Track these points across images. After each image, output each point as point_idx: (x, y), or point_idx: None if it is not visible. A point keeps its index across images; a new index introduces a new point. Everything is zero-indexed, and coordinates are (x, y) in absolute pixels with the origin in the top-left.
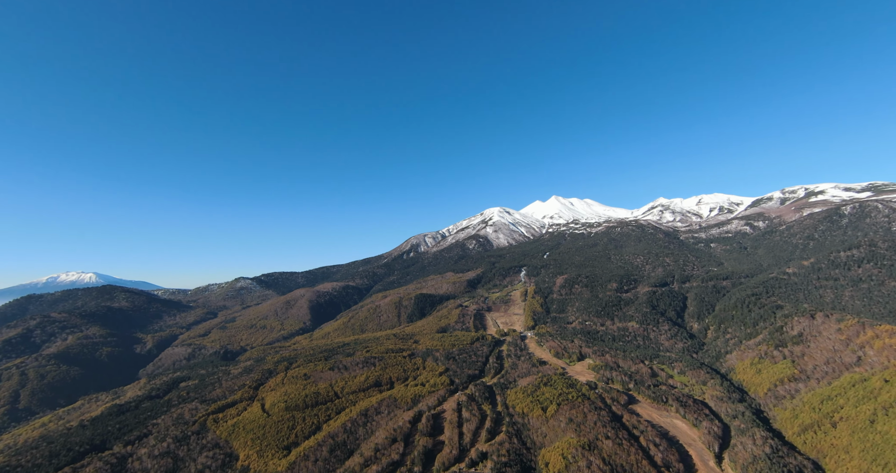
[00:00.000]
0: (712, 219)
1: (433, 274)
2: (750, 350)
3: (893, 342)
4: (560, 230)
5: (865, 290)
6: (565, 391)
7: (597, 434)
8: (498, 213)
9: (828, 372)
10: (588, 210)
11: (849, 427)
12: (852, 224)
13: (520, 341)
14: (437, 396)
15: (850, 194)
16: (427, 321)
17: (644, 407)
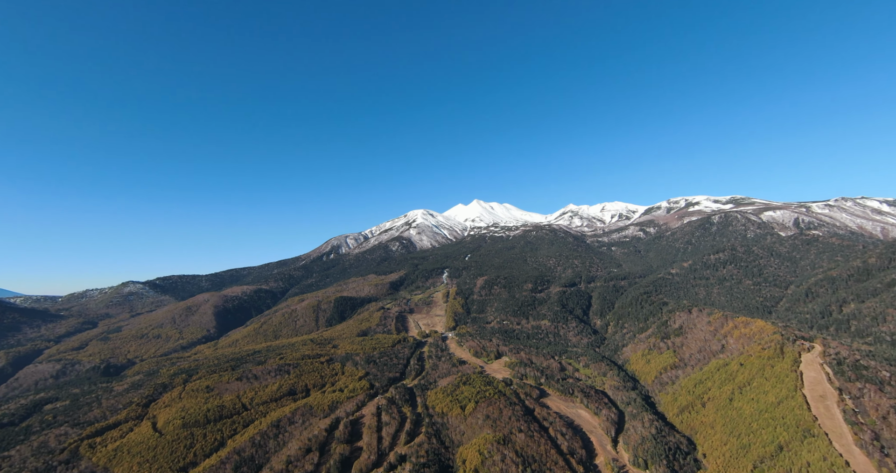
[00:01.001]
0: (613, 225)
1: (355, 276)
2: (641, 343)
3: (747, 331)
4: (481, 233)
5: (728, 287)
6: (483, 389)
7: (511, 428)
8: (422, 215)
9: (700, 359)
10: (507, 214)
11: (714, 406)
12: (719, 231)
13: (441, 341)
14: (356, 401)
15: (717, 205)
16: (347, 324)
17: (554, 400)
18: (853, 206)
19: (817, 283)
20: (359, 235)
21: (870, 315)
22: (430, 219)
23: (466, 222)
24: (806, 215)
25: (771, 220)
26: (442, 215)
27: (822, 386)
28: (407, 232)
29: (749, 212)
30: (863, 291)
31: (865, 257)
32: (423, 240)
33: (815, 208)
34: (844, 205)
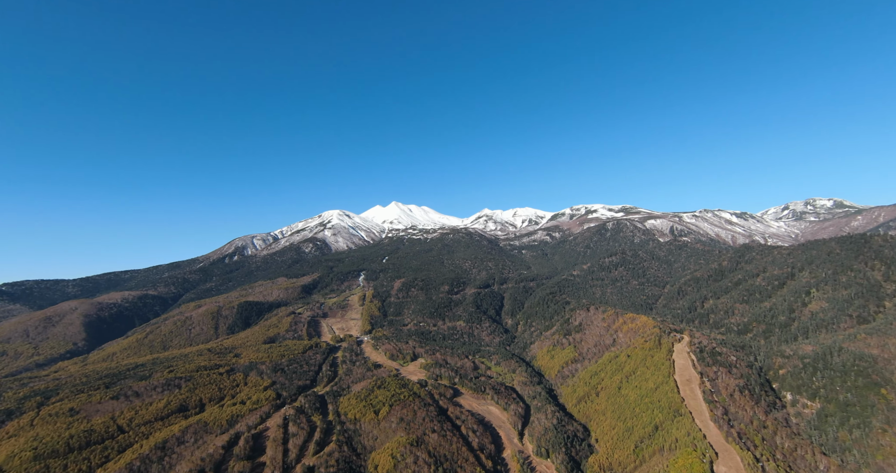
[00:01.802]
0: (524, 229)
1: (262, 280)
2: (547, 340)
3: (633, 326)
4: (399, 236)
5: (619, 287)
6: (398, 392)
7: (424, 429)
8: (338, 216)
9: (596, 353)
10: (425, 217)
11: (606, 395)
12: (612, 237)
13: (356, 346)
14: (259, 413)
15: (611, 213)
16: (252, 331)
17: (467, 399)
18: (712, 217)
19: (686, 283)
20: (267, 235)
21: (723, 309)
22: (346, 220)
23: (384, 224)
24: (678, 224)
25: (653, 227)
26: (359, 216)
27: (689, 371)
28: (321, 233)
29: (636, 220)
30: (718, 289)
31: (720, 260)
32: (338, 242)
33: (686, 218)
34: (706, 216)
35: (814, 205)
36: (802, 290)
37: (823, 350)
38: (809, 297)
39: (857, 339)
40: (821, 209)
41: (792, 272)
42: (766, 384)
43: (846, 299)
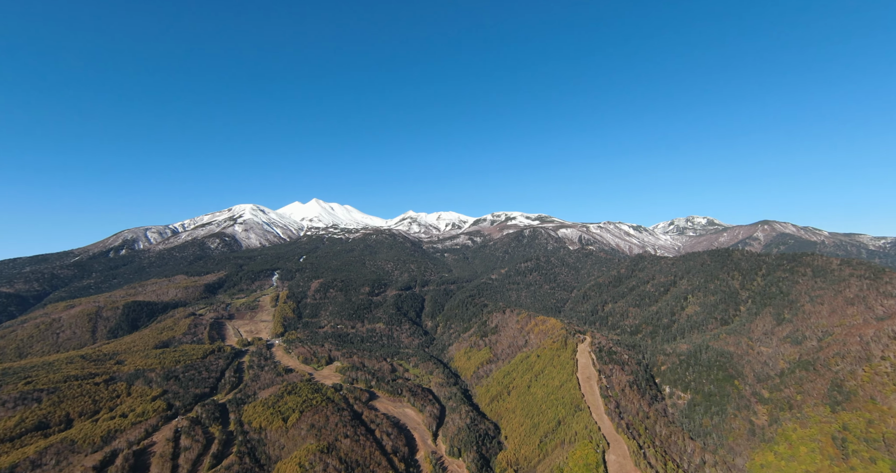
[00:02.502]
0: (447, 233)
1: (157, 278)
2: (465, 341)
3: (544, 328)
4: (319, 234)
5: (533, 291)
6: (310, 397)
7: (337, 434)
8: (251, 210)
9: (509, 354)
10: (348, 216)
11: (517, 393)
12: (529, 243)
13: (266, 349)
14: (144, 427)
15: (529, 221)
16: (141, 335)
17: (383, 402)
18: (614, 228)
19: (590, 288)
20: (165, 228)
21: (619, 313)
22: (260, 215)
23: (304, 222)
24: (586, 234)
25: (564, 236)
26: (275, 212)
27: (589, 369)
28: (231, 228)
29: (550, 228)
30: (616, 294)
31: (619, 268)
32: (250, 238)
33: (592, 229)
34: (609, 227)
35: (692, 222)
36: (682, 296)
37: (695, 348)
38: (686, 302)
39: (720, 338)
40: (697, 226)
41: (674, 280)
42: (651, 379)
43: (713, 304)
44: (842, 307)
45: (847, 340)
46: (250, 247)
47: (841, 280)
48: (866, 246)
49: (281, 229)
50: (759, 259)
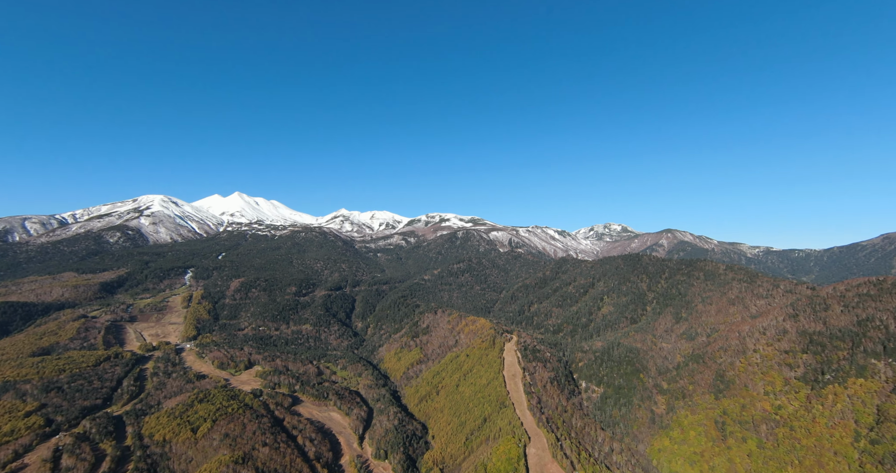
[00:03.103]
0: (381, 233)
1: (38, 275)
2: (396, 342)
3: (474, 327)
4: (241, 230)
5: (464, 292)
6: (224, 405)
7: (254, 443)
8: (161, 202)
9: (440, 354)
10: (275, 212)
11: (445, 393)
12: (462, 245)
13: (174, 354)
14: (13, 448)
15: (462, 223)
16: (14, 341)
17: (307, 406)
18: (541, 233)
19: (518, 289)
20: (50, 218)
21: (544, 313)
22: (172, 208)
23: (224, 216)
24: (515, 237)
25: (495, 239)
26: (191, 204)
27: (515, 367)
28: (136, 221)
29: (482, 231)
30: (541, 295)
31: (544, 270)
32: (159, 232)
33: (521, 232)
34: (536, 232)
35: (609, 229)
36: (599, 297)
37: (608, 346)
38: (602, 302)
39: (629, 336)
40: (613, 232)
41: (593, 282)
42: (570, 375)
43: (625, 304)
44: (725, 307)
45: (728, 335)
46: (159, 242)
47: (725, 284)
48: (745, 254)
49: (197, 224)
50: (663, 264)
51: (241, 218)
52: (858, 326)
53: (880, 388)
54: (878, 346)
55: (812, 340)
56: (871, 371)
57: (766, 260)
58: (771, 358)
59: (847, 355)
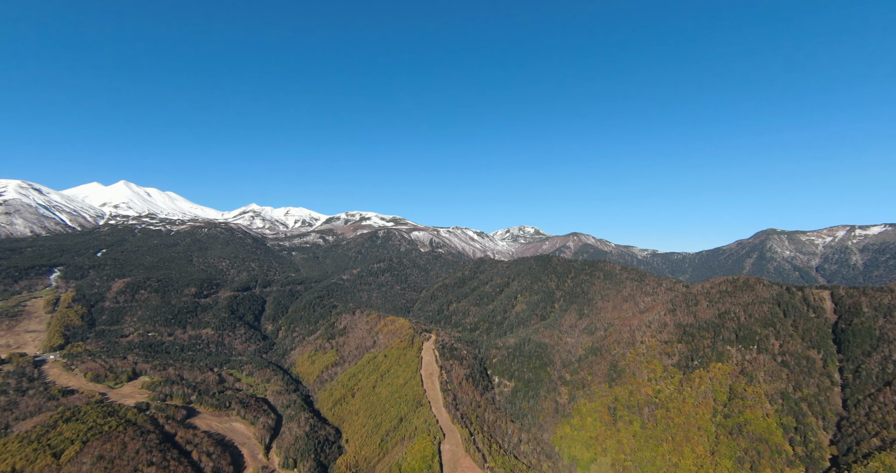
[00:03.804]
0: (296, 230)
1: None
2: (310, 345)
3: (393, 327)
4: (128, 224)
5: (384, 292)
6: (99, 423)
7: (137, 464)
8: (18, 188)
9: (357, 355)
10: (171, 205)
11: (361, 395)
12: (382, 244)
13: (32, 368)
14: None
15: (383, 222)
16: None
17: (205, 418)
18: (461, 233)
19: (438, 288)
20: None
21: (462, 311)
22: (34, 196)
23: (105, 208)
24: (436, 237)
25: (416, 239)
26: (61, 193)
27: (432, 366)
28: None
29: (403, 231)
30: (460, 294)
31: (463, 270)
32: (15, 224)
33: (442, 232)
34: (457, 232)
35: (524, 231)
36: (513, 296)
37: (520, 342)
38: (516, 301)
39: (539, 332)
40: (527, 234)
41: (508, 282)
42: (484, 371)
43: (536, 302)
44: (620, 304)
45: (621, 329)
46: (15, 236)
47: (621, 283)
48: (636, 256)
49: (68, 215)
50: (569, 265)
51: (129, 210)
52: (719, 318)
53: (732, 370)
54: (732, 334)
55: (685, 331)
56: (727, 356)
57: (652, 261)
58: (654, 348)
59: (710, 343)
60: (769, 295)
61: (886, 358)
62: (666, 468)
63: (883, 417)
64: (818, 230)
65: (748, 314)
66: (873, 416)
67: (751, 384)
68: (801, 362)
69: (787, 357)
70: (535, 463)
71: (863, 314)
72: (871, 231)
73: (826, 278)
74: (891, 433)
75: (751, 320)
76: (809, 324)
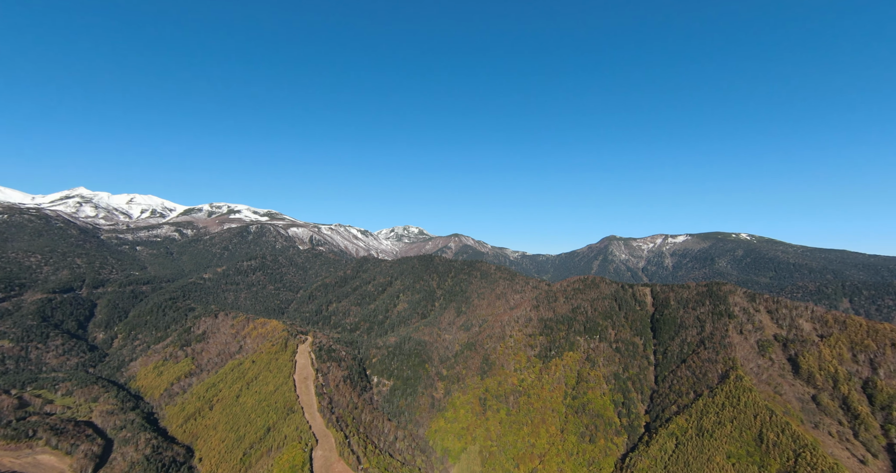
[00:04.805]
0: (143, 221)
1: None
2: (157, 354)
3: (263, 331)
4: None
5: (255, 292)
6: None
7: None
8: None
9: (218, 363)
10: None
11: (221, 406)
12: (255, 240)
13: None
14: None
15: (257, 216)
16: None
17: None
18: (344, 231)
19: (317, 288)
20: None
21: (342, 311)
22: None
23: None
24: (317, 234)
25: (295, 235)
26: None
27: (307, 369)
28: None
29: (280, 226)
30: (341, 294)
31: (345, 269)
32: None
33: (324, 230)
34: (339, 230)
35: (408, 231)
36: (395, 295)
37: (400, 340)
38: (398, 300)
39: (419, 330)
40: (411, 234)
41: (391, 281)
42: (363, 371)
43: (418, 301)
44: (494, 301)
45: (494, 325)
46: None
47: (495, 281)
48: (509, 257)
49: None
50: (450, 264)
51: None
52: (572, 312)
53: (580, 357)
54: (581, 326)
55: (546, 325)
56: (577, 346)
57: (522, 262)
58: (520, 341)
59: (564, 335)
60: (609, 292)
61: (684, 341)
62: (525, 448)
63: (679, 388)
64: (644, 238)
65: (594, 308)
66: (674, 388)
67: (593, 368)
68: (629, 347)
69: (620, 344)
70: (410, 459)
71: (670, 306)
72: (679, 239)
73: (649, 277)
74: (683, 400)
75: (595, 313)
76: (636, 316)
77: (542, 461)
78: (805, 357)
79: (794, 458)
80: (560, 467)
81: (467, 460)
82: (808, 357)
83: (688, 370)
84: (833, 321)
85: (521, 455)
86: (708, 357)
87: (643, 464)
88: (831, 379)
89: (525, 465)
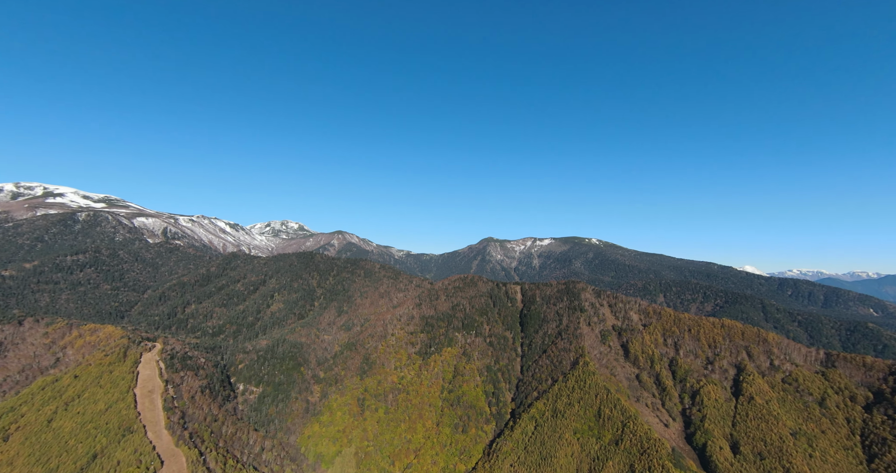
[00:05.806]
0: None
1: None
2: None
3: (93, 339)
4: None
5: (83, 293)
6: None
7: None
8: None
9: (20, 381)
10: None
11: (24, 435)
12: (84, 231)
13: None
14: None
15: (88, 202)
16: None
17: None
18: (209, 224)
19: (171, 287)
20: None
21: (203, 314)
22: None
23: None
24: (173, 226)
25: (142, 226)
26: None
27: (154, 381)
28: None
29: (122, 215)
30: (202, 294)
31: (209, 266)
32: None
33: (182, 221)
34: (203, 222)
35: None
36: (269, 294)
37: (273, 343)
38: (273, 300)
39: (296, 331)
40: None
41: (264, 279)
42: (227, 379)
43: (295, 301)
44: (377, 300)
45: (376, 323)
46: None
47: (379, 280)
48: (394, 255)
49: None
50: (332, 262)
51: None
52: (452, 309)
53: (458, 352)
54: (460, 323)
55: (427, 322)
56: (455, 341)
57: (407, 261)
58: (401, 339)
59: (444, 331)
60: (486, 290)
61: (546, 333)
62: (401, 445)
63: (540, 375)
64: (517, 240)
65: (472, 305)
66: (536, 375)
67: (469, 362)
68: (500, 341)
69: (493, 338)
70: (279, 470)
71: (536, 302)
72: (545, 242)
73: (520, 276)
74: (543, 386)
75: (473, 310)
76: (507, 311)
77: (418, 455)
78: (633, 343)
79: (622, 428)
80: (434, 459)
81: (342, 463)
82: (635, 343)
83: (547, 359)
84: (652, 312)
85: (396, 453)
86: (563, 347)
87: (507, 447)
88: (650, 360)
89: (400, 461)
